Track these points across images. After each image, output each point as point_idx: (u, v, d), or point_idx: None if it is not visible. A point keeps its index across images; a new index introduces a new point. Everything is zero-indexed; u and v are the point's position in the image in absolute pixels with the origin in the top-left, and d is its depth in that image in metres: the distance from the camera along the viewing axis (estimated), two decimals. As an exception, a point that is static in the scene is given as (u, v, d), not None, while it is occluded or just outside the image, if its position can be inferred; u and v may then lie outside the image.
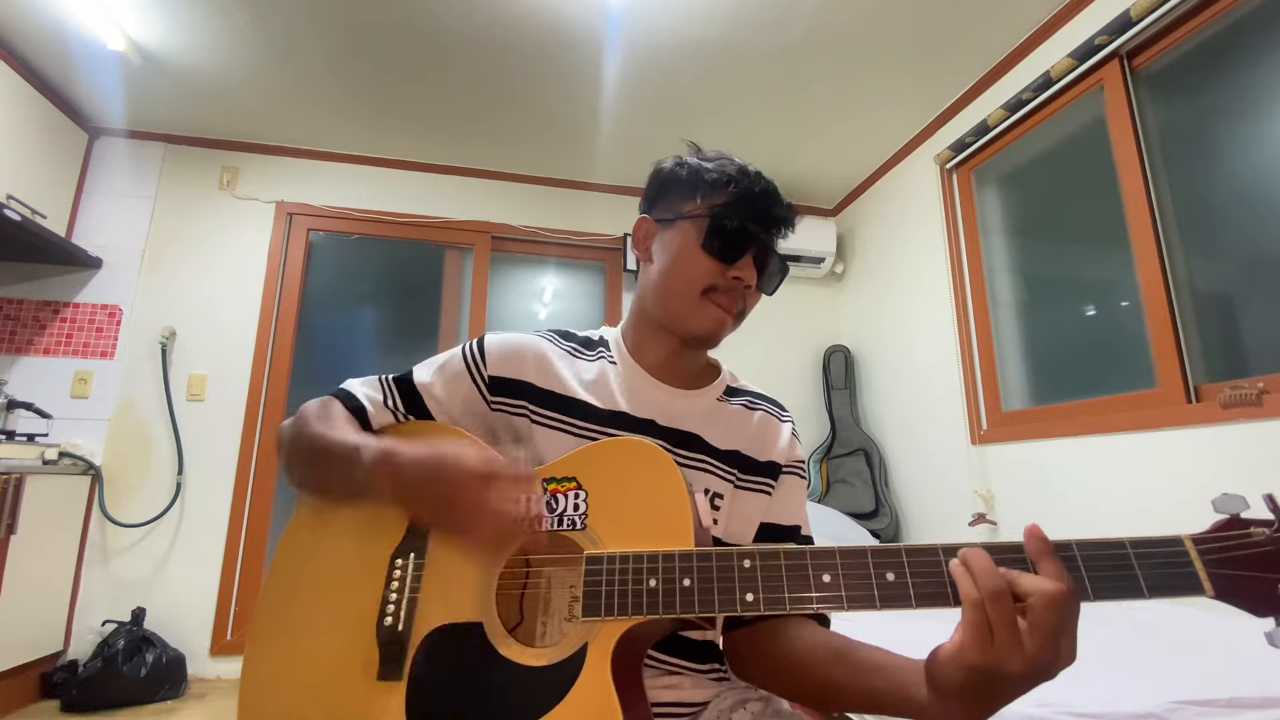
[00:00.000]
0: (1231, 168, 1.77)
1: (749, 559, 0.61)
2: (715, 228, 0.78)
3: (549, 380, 0.81)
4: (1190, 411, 1.71)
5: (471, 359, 0.82)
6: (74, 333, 2.73)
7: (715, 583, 0.61)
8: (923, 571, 0.56)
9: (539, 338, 0.85)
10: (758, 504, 0.83)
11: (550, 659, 0.63)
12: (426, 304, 3.24)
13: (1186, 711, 0.90)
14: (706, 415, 0.84)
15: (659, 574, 0.62)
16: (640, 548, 0.64)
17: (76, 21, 2.24)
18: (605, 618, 0.62)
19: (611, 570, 0.64)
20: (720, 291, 0.80)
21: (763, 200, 0.79)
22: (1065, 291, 2.34)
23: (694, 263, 0.79)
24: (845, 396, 3.24)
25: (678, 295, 0.80)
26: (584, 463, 0.72)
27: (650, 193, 0.88)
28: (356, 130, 2.96)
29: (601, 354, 0.86)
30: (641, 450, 0.71)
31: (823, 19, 2.19)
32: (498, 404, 0.80)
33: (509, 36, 2.30)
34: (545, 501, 0.69)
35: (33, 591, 2.28)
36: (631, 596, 0.62)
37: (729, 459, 0.83)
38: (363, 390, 0.81)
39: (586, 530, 0.68)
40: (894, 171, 3.06)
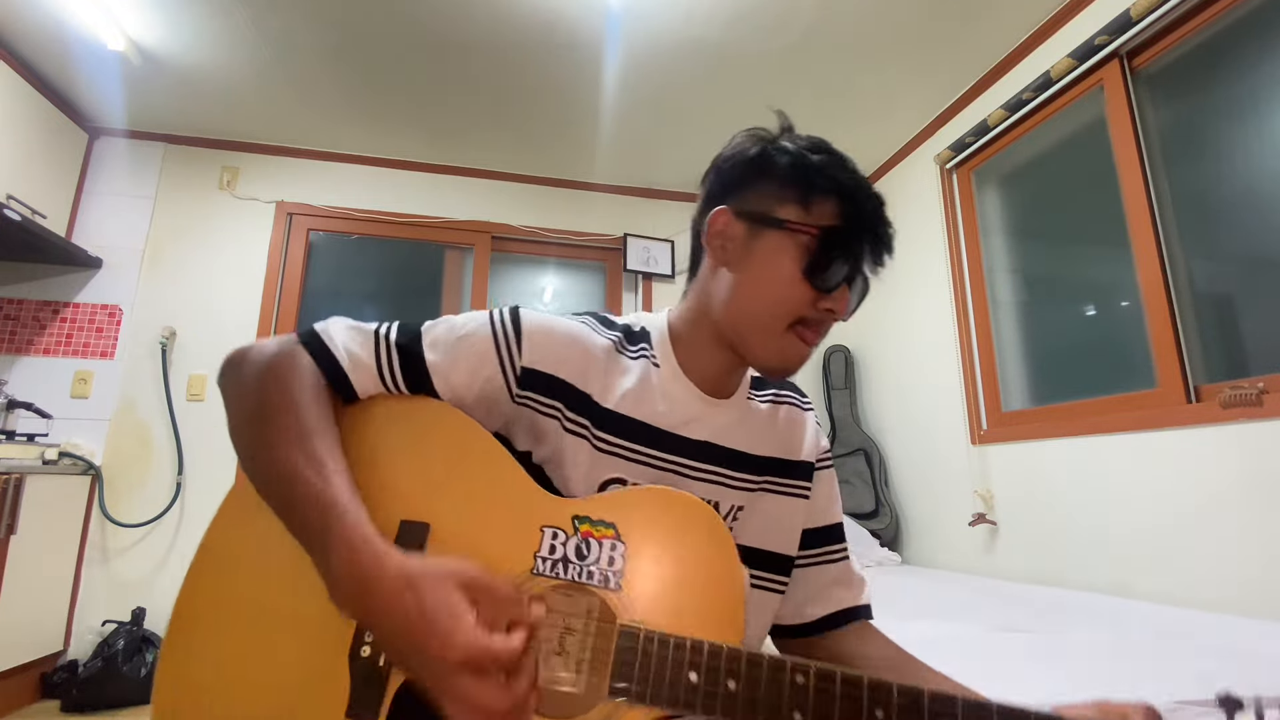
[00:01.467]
0: (1231, 168, 1.77)
1: (802, 674, 0.55)
2: (824, 254, 0.66)
3: (588, 381, 0.69)
4: (1190, 411, 1.71)
5: (504, 341, 0.68)
6: (74, 333, 2.74)
7: (762, 692, 0.54)
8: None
9: (583, 325, 0.73)
10: (795, 510, 0.78)
11: None
12: (426, 304, 3.24)
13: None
14: (742, 423, 0.76)
15: (702, 669, 0.55)
16: (680, 629, 0.57)
17: (76, 21, 2.24)
18: (635, 704, 0.55)
19: (649, 651, 0.56)
20: (809, 323, 0.68)
21: (879, 222, 0.69)
22: (1065, 291, 2.34)
23: (789, 289, 0.67)
24: (845, 396, 3.24)
25: (760, 323, 0.69)
26: (628, 509, 0.63)
27: (731, 175, 0.73)
28: (356, 130, 2.96)
29: (644, 351, 0.74)
30: (697, 514, 0.63)
31: (822, 19, 2.19)
32: (524, 398, 0.68)
33: (509, 36, 2.30)
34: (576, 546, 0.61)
35: (33, 591, 2.28)
36: (668, 687, 0.55)
37: (752, 465, 0.75)
38: (346, 346, 0.66)
39: (621, 592, 0.60)
40: (894, 171, 3.06)
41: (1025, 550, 2.17)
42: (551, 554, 0.61)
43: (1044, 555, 2.08)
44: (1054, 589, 1.89)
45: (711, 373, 0.74)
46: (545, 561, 0.61)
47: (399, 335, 0.68)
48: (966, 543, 2.41)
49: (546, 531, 0.62)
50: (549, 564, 0.61)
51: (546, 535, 0.62)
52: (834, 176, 0.68)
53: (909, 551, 2.81)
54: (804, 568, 0.78)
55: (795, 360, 0.70)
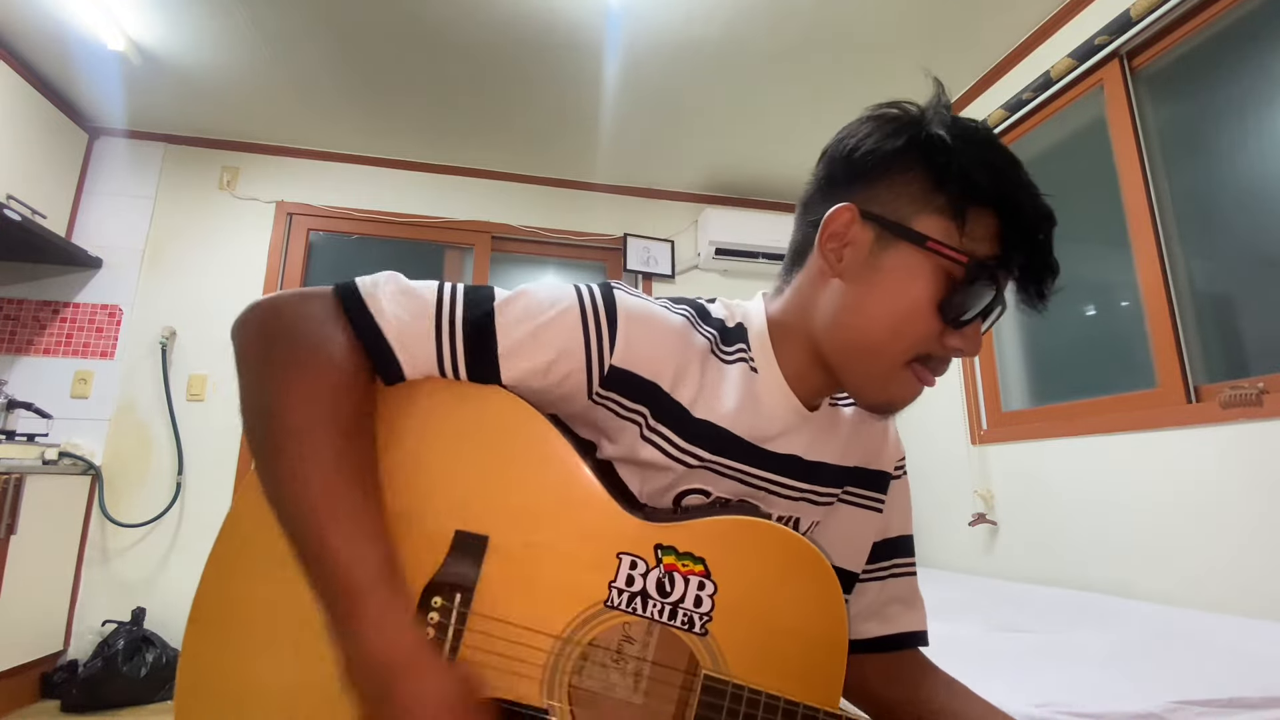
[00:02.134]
0: (1231, 168, 1.77)
1: None
2: (966, 290, 0.55)
3: (681, 387, 0.59)
4: (1190, 411, 1.71)
5: (595, 330, 0.57)
6: (74, 333, 2.73)
7: None
8: None
9: (682, 319, 0.61)
10: (868, 523, 0.71)
11: None
12: (426, 304, 3.24)
13: (1186, 711, 0.90)
14: (828, 433, 0.67)
15: None
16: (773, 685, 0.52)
17: (76, 21, 2.24)
18: None
19: (735, 710, 0.51)
20: (930, 361, 0.58)
21: (1040, 259, 0.58)
22: (1065, 291, 2.33)
23: (917, 323, 0.56)
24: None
25: (874, 355, 0.58)
26: (721, 542, 0.55)
27: (867, 164, 0.60)
28: (356, 130, 2.96)
29: (741, 354, 0.63)
30: (803, 558, 0.55)
31: (822, 19, 2.19)
32: (604, 398, 0.58)
33: (509, 36, 2.30)
34: (658, 580, 0.54)
35: (33, 591, 2.28)
36: None
37: (828, 476, 0.67)
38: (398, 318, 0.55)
39: (708, 637, 0.53)
40: (894, 171, 3.06)
41: (1025, 550, 2.17)
42: (629, 585, 0.54)
43: (1044, 555, 2.08)
44: (1054, 589, 1.89)
45: (808, 385, 0.64)
46: (622, 594, 0.54)
47: (468, 312, 0.56)
48: (966, 543, 2.41)
49: (625, 559, 0.54)
50: (625, 597, 0.54)
51: (624, 563, 0.54)
52: (999, 188, 0.55)
53: (909, 551, 2.80)
54: (867, 581, 0.72)
55: (904, 401, 0.59)
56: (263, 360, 0.53)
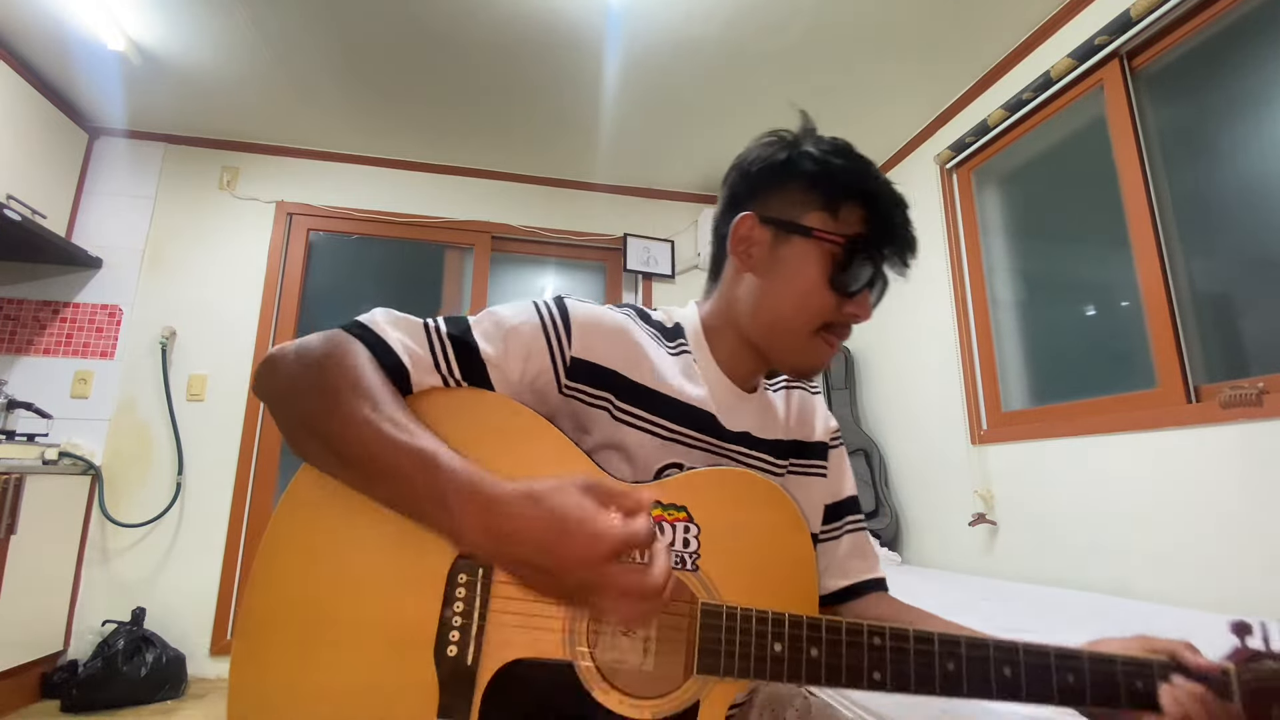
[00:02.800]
0: (1231, 168, 1.77)
1: (879, 637, 0.59)
2: (847, 263, 0.68)
3: (639, 371, 0.70)
4: (1190, 411, 1.71)
5: (554, 331, 0.68)
6: (74, 333, 2.74)
7: (844, 658, 0.59)
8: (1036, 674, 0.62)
9: (625, 317, 0.73)
10: (816, 488, 0.82)
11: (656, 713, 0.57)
12: (426, 304, 3.24)
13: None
14: (764, 412, 0.79)
15: (785, 639, 0.59)
16: (759, 604, 0.60)
17: (76, 21, 2.24)
18: (724, 677, 0.58)
19: (732, 627, 0.59)
20: (834, 328, 0.72)
21: (904, 229, 0.70)
22: (1065, 291, 2.34)
23: (815, 297, 0.69)
24: (845, 396, 3.24)
25: (787, 330, 0.71)
26: (697, 491, 0.64)
27: (758, 180, 0.73)
28: (356, 130, 2.96)
29: (682, 346, 0.76)
30: (765, 492, 0.64)
31: (822, 19, 2.19)
32: (572, 389, 0.68)
33: (509, 36, 2.30)
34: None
35: (33, 591, 2.28)
36: (754, 660, 0.58)
37: (787, 450, 0.80)
38: (400, 340, 0.64)
39: (698, 573, 0.61)
40: (894, 171, 3.06)
41: (1025, 550, 2.17)
42: None
43: (1044, 555, 2.08)
44: (1054, 589, 1.89)
45: (742, 370, 0.77)
46: None
47: (449, 327, 0.66)
48: (966, 543, 2.41)
49: None
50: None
51: None
52: (859, 184, 0.69)
53: (909, 551, 2.81)
54: (825, 541, 0.82)
55: (822, 363, 0.73)
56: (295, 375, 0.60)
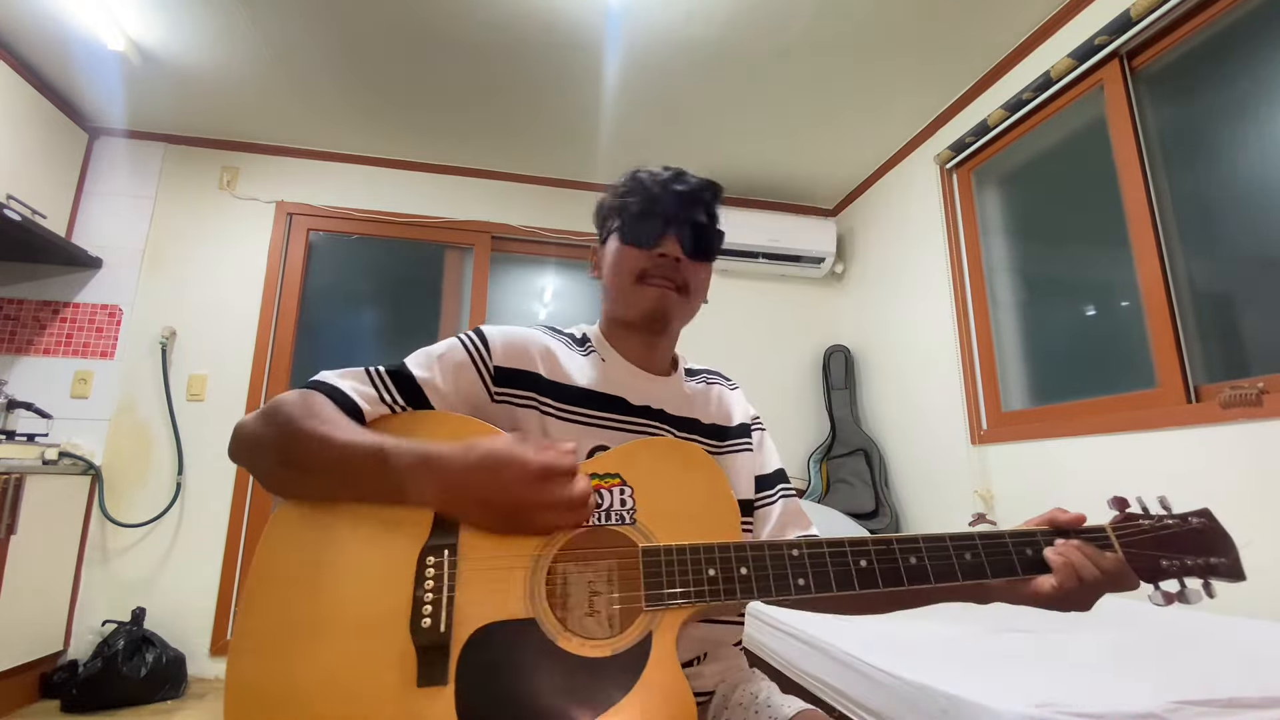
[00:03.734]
0: (1231, 168, 1.77)
1: (797, 549, 0.69)
2: (627, 220, 0.87)
3: (555, 370, 0.84)
4: (1190, 411, 1.71)
5: (475, 350, 0.82)
6: (74, 333, 2.74)
7: (770, 570, 0.68)
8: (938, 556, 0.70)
9: (538, 332, 0.89)
10: (743, 462, 0.93)
11: (615, 649, 0.64)
12: (426, 304, 3.24)
13: (1186, 711, 0.90)
14: (682, 397, 0.92)
15: (717, 564, 0.68)
16: (692, 539, 0.69)
17: (76, 21, 2.24)
18: (669, 605, 0.66)
19: (670, 562, 0.68)
20: (652, 273, 0.86)
21: (662, 184, 0.87)
22: (1065, 291, 2.34)
23: (623, 258, 0.87)
24: (845, 396, 3.24)
25: (619, 289, 0.88)
26: (626, 460, 0.74)
27: (597, 229, 0.97)
28: (356, 130, 2.96)
29: (590, 349, 0.91)
30: (684, 450, 0.77)
31: (822, 19, 2.19)
32: (502, 395, 0.81)
33: (509, 36, 2.30)
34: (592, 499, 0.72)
35: (33, 591, 2.28)
36: (693, 585, 0.67)
37: (710, 431, 0.92)
38: (349, 384, 0.76)
39: (636, 525, 0.71)
40: (894, 171, 3.06)
41: (1025, 550, 2.16)
42: None
43: (1044, 555, 2.08)
44: (1054, 589, 1.88)
45: (638, 353, 0.90)
46: None
47: (386, 365, 0.80)
48: (966, 543, 2.41)
49: None
50: None
51: None
52: (627, 182, 0.90)
53: (909, 551, 2.80)
54: (762, 507, 0.93)
55: (654, 300, 0.86)
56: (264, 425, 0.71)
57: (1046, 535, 0.73)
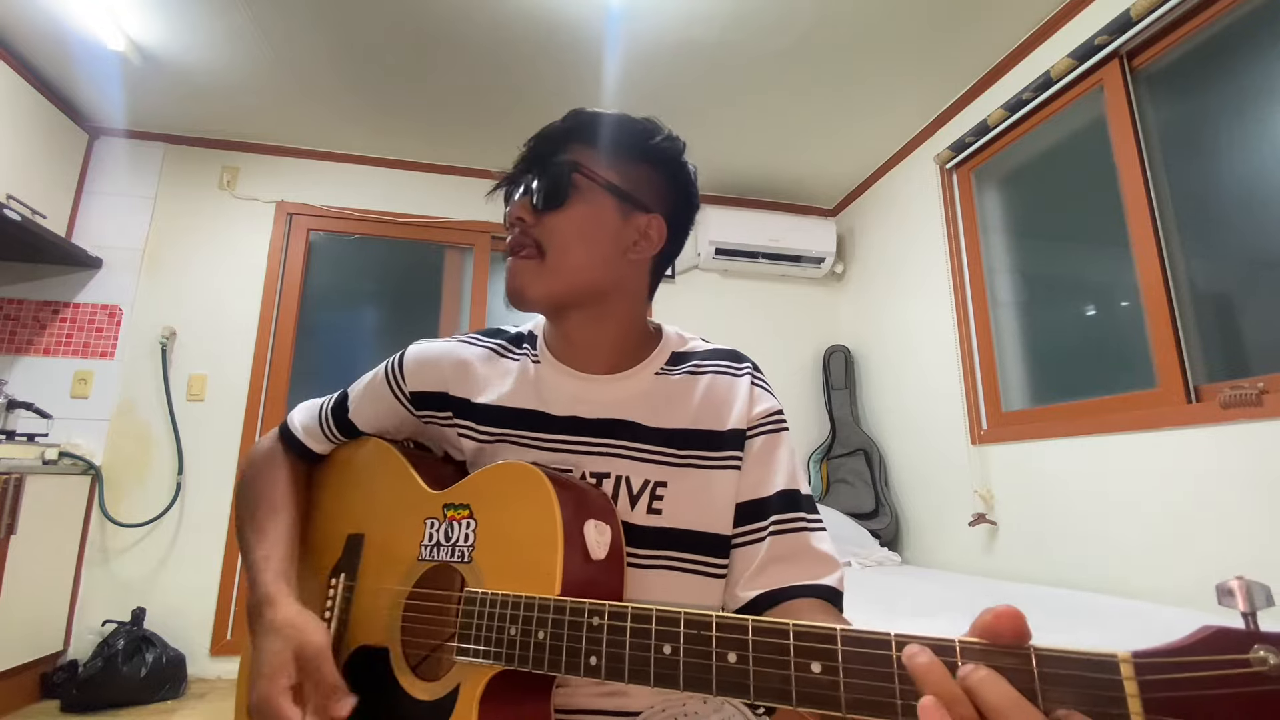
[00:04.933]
0: (1231, 167, 1.77)
1: (599, 616, 0.53)
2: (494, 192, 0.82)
3: (465, 388, 0.77)
4: (1190, 411, 1.71)
5: (392, 376, 0.80)
6: (74, 333, 2.73)
7: (565, 640, 0.55)
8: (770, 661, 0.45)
9: (460, 343, 0.82)
10: (725, 483, 0.71)
11: (431, 695, 0.63)
12: (426, 304, 3.24)
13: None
14: (641, 396, 0.74)
15: (519, 622, 0.58)
16: (511, 586, 0.61)
17: (76, 21, 2.24)
18: (475, 660, 0.59)
19: (483, 611, 0.61)
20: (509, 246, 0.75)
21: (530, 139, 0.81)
22: (1065, 291, 2.34)
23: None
24: (845, 396, 3.24)
25: None
26: (477, 489, 0.69)
27: None
28: (356, 130, 2.96)
29: (526, 351, 0.80)
30: (523, 476, 0.65)
31: (822, 19, 2.19)
32: (426, 417, 0.80)
33: (509, 36, 2.30)
34: (445, 530, 0.69)
35: (33, 591, 2.28)
36: (494, 643, 0.59)
37: (671, 439, 0.72)
38: (302, 423, 0.85)
39: (472, 564, 0.65)
40: (894, 171, 3.06)
41: (1025, 550, 2.17)
42: (430, 540, 0.70)
43: (1044, 555, 2.08)
44: (1054, 589, 1.89)
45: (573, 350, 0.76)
46: (426, 548, 0.70)
47: (334, 401, 0.85)
48: (966, 543, 2.41)
49: (428, 523, 0.71)
50: (429, 549, 0.70)
51: (428, 526, 0.71)
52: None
53: (909, 551, 2.81)
54: (738, 547, 0.71)
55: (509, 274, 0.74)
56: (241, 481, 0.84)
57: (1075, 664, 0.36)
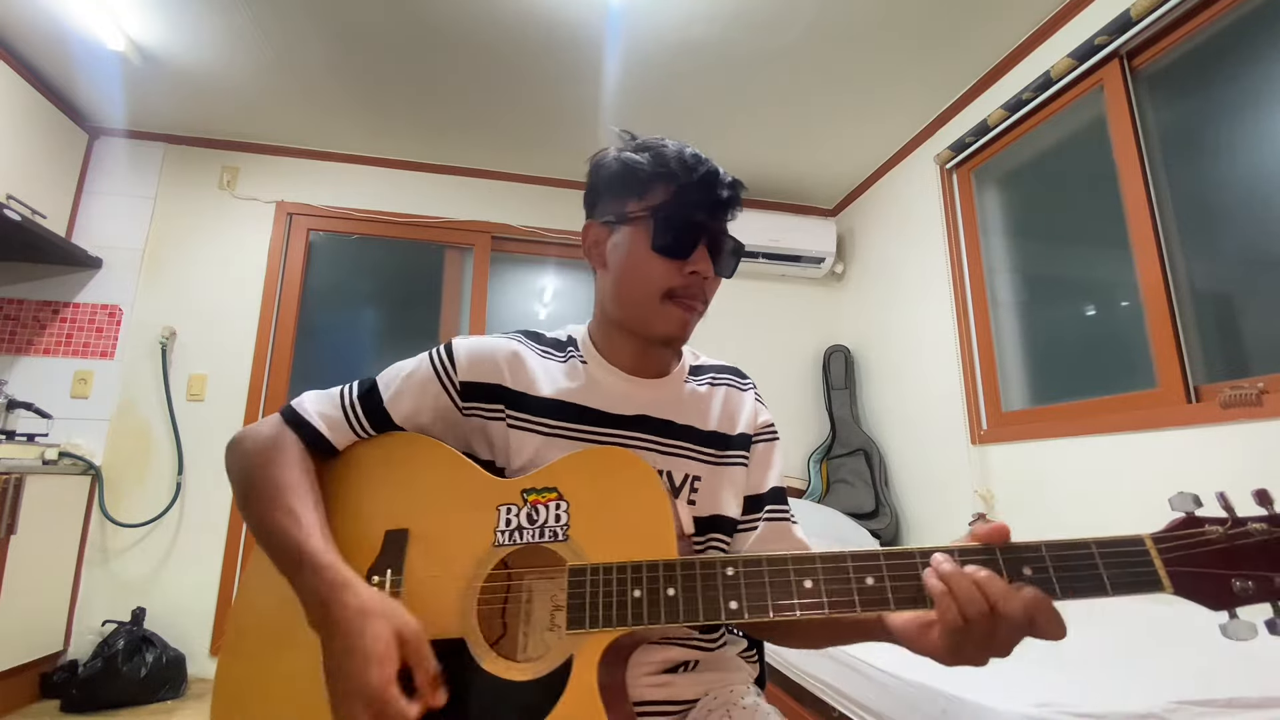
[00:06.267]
0: (1231, 168, 1.77)
1: (732, 567, 0.61)
2: (661, 228, 0.75)
3: (523, 382, 0.79)
4: (1190, 411, 1.71)
5: (441, 365, 0.79)
6: (74, 333, 2.73)
7: (700, 592, 0.61)
8: (901, 576, 0.58)
9: (509, 339, 0.83)
10: (737, 477, 0.84)
11: (535, 673, 0.63)
12: (426, 304, 3.24)
13: (1186, 711, 0.90)
14: (678, 401, 0.84)
15: (643, 584, 0.62)
16: (623, 558, 0.64)
17: (76, 21, 2.24)
18: (591, 630, 0.62)
19: (595, 581, 0.64)
20: (680, 292, 0.77)
21: (704, 188, 0.76)
22: (1065, 291, 2.34)
23: (648, 267, 0.76)
24: (845, 396, 3.24)
25: (638, 303, 0.78)
26: (564, 472, 0.71)
27: (589, 194, 0.86)
28: (356, 130, 2.96)
29: (571, 354, 0.84)
30: (621, 459, 0.71)
31: (823, 19, 2.19)
32: (470, 409, 0.78)
33: (509, 36, 2.30)
34: (527, 514, 0.70)
35: (33, 591, 2.28)
36: (616, 608, 0.62)
37: (708, 440, 0.83)
38: (318, 411, 0.77)
39: (569, 541, 0.67)
40: (894, 171, 3.06)
41: (1025, 550, 2.16)
42: (508, 525, 0.70)
43: (1044, 555, 2.08)
44: (1054, 589, 1.88)
45: (629, 358, 0.82)
46: (503, 533, 0.70)
47: (358, 390, 0.79)
48: (966, 543, 2.41)
49: (501, 509, 0.71)
50: (506, 534, 0.70)
51: (502, 512, 0.70)
52: (654, 165, 0.77)
53: (909, 551, 2.80)
54: (740, 532, 0.84)
55: (678, 326, 0.77)
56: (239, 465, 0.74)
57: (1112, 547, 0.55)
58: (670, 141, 0.79)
